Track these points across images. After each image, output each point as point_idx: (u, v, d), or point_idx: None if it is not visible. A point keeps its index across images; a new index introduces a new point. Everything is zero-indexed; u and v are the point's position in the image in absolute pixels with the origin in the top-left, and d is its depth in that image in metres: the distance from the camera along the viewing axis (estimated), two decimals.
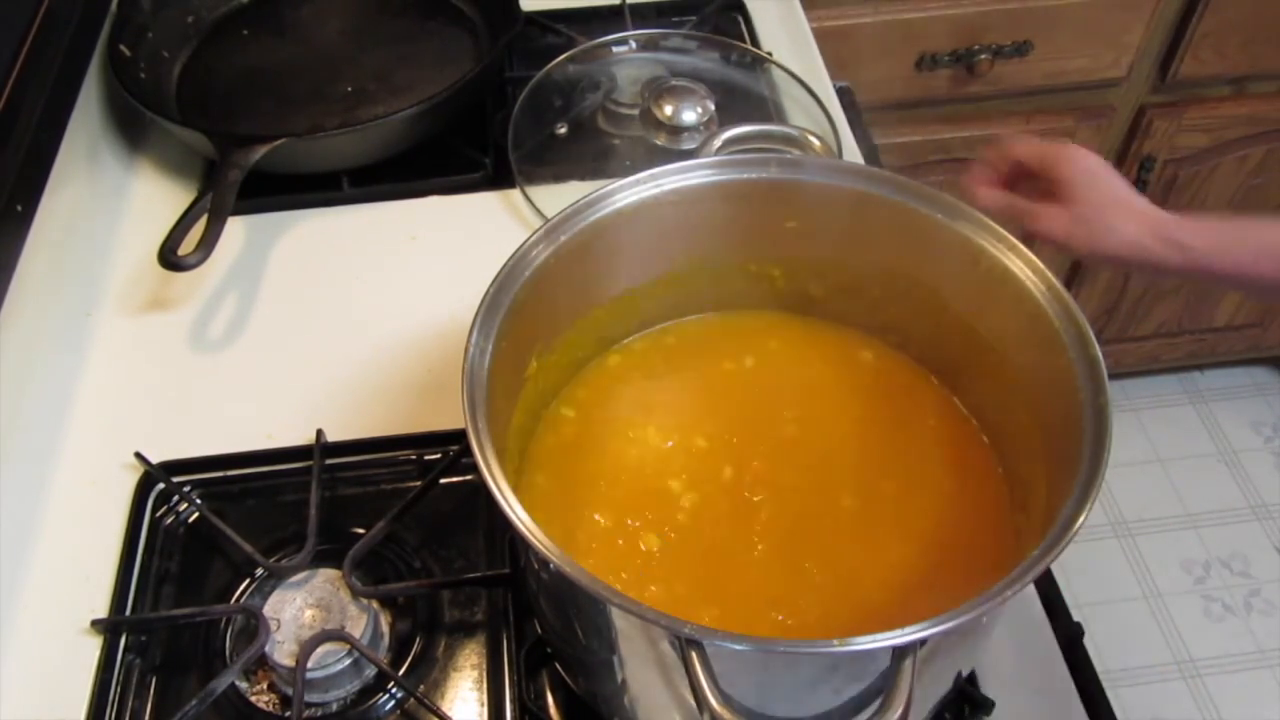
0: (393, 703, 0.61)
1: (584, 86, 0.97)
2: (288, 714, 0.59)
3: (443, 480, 0.68)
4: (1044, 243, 0.64)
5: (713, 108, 0.90)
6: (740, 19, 1.04)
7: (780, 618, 0.55)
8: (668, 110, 0.90)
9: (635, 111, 0.92)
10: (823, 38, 1.04)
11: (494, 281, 0.55)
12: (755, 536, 0.59)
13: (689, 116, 0.90)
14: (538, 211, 0.86)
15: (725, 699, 0.42)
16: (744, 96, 0.98)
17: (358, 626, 0.61)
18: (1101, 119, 1.37)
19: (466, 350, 0.52)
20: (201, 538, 0.68)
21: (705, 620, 0.49)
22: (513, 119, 0.95)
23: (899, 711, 0.42)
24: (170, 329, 0.80)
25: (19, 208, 0.71)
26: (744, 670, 0.47)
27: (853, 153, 0.91)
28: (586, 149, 0.93)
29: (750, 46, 1.02)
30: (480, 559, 0.67)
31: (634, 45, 0.98)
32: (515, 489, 0.48)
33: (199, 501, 0.68)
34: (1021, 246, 0.57)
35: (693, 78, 0.97)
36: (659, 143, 0.90)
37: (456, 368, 0.51)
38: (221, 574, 0.67)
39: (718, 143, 0.64)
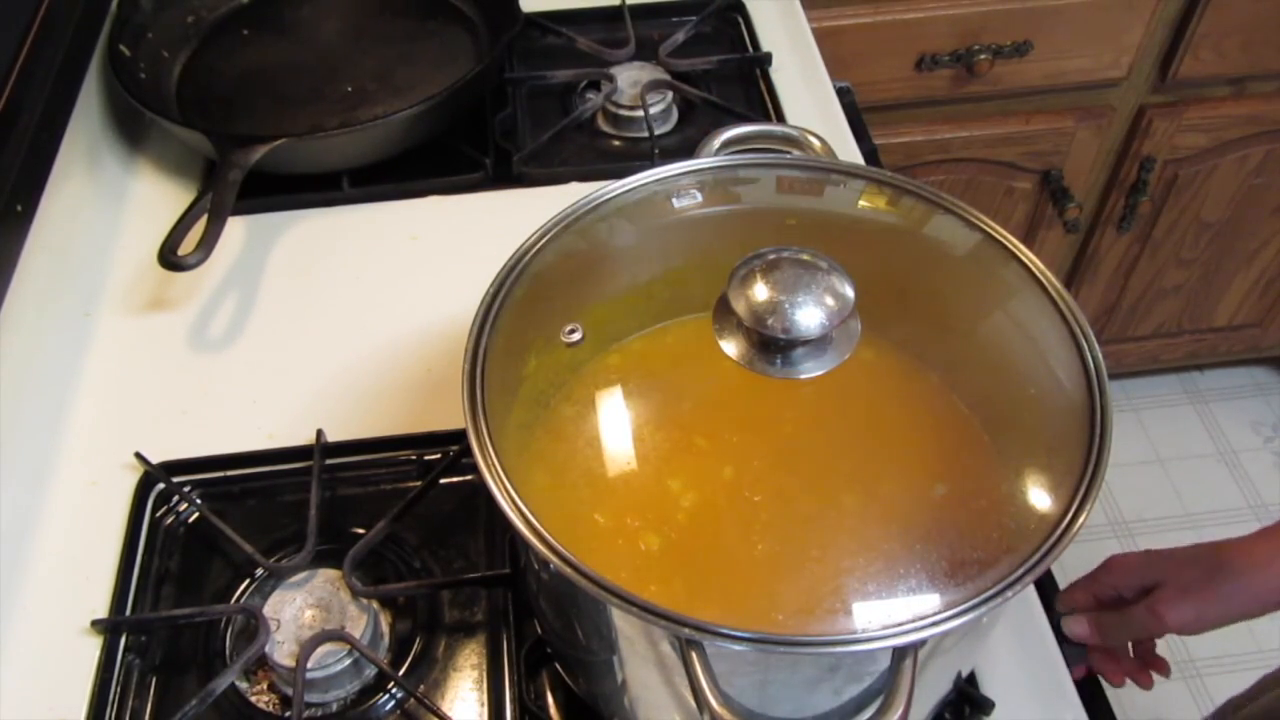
0: (393, 703, 0.61)
1: (584, 88, 0.98)
2: (288, 714, 0.59)
3: (443, 480, 0.68)
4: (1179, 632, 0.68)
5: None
6: (740, 19, 1.04)
7: (781, 618, 0.55)
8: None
9: (635, 113, 0.92)
10: (823, 38, 1.04)
11: (495, 281, 0.55)
12: (755, 536, 0.58)
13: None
14: (538, 212, 0.86)
15: (725, 699, 0.43)
16: (744, 97, 0.98)
17: (358, 626, 0.61)
18: (1101, 119, 1.37)
19: (467, 350, 0.52)
20: (201, 538, 0.68)
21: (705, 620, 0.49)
22: (513, 119, 0.95)
23: (899, 712, 0.42)
24: (170, 329, 0.80)
25: (19, 208, 0.71)
26: (744, 670, 0.47)
27: (853, 153, 0.91)
28: (586, 149, 0.93)
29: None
30: (480, 559, 0.67)
31: (634, 47, 0.98)
32: (515, 489, 0.48)
33: (199, 501, 0.68)
34: (1022, 247, 0.57)
35: (692, 79, 0.97)
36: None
37: (456, 368, 0.51)
38: (221, 574, 0.67)
39: (717, 143, 0.64)
